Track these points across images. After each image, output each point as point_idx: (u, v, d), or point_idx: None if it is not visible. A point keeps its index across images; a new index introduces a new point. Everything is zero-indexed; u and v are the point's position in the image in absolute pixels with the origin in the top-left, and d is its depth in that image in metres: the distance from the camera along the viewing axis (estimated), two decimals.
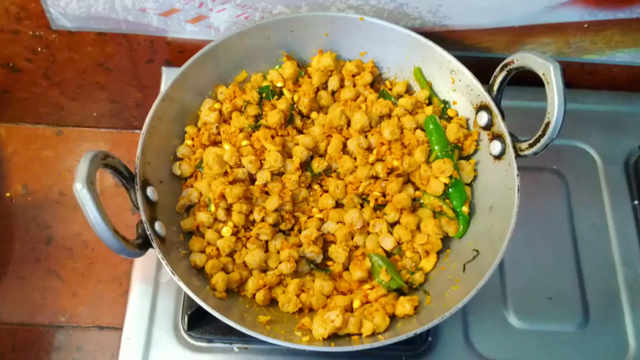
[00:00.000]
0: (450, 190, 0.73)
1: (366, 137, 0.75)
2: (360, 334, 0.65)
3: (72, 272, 1.21)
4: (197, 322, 0.74)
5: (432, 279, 0.72)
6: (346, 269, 0.73)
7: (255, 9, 0.82)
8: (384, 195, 0.73)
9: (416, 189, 0.75)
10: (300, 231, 0.73)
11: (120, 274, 1.21)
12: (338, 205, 0.74)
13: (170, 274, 0.61)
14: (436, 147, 0.74)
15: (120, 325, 0.77)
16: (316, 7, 0.81)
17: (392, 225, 0.73)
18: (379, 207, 0.73)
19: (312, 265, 0.72)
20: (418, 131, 0.76)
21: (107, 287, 1.21)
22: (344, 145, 0.75)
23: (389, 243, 0.72)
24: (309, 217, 0.74)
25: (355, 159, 0.74)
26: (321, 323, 0.64)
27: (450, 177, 0.73)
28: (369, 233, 0.73)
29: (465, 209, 0.73)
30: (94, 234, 0.55)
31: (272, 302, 0.71)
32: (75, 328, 1.18)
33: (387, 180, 0.73)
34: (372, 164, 0.74)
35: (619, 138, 0.93)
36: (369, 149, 0.75)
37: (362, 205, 0.74)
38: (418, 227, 0.73)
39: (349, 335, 0.66)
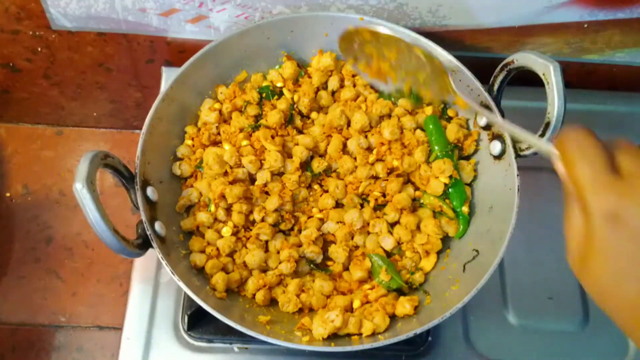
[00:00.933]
0: (450, 190, 0.73)
1: (366, 137, 0.75)
2: (360, 334, 0.65)
3: (72, 272, 1.21)
4: (197, 322, 0.74)
5: (432, 279, 0.72)
6: (346, 269, 0.73)
7: (255, 9, 0.82)
8: (384, 195, 0.73)
9: (416, 189, 0.75)
10: (300, 231, 0.73)
11: (120, 274, 1.21)
12: (338, 205, 0.74)
13: (170, 274, 0.61)
14: (436, 147, 0.74)
15: (120, 325, 0.77)
16: (316, 7, 0.81)
17: (392, 225, 0.73)
18: (379, 207, 0.73)
19: (312, 265, 0.72)
20: (418, 131, 0.76)
21: (107, 287, 1.21)
22: (344, 145, 0.75)
23: (389, 243, 0.72)
24: (309, 217, 0.74)
25: (355, 159, 0.74)
26: (321, 323, 0.64)
27: (450, 177, 0.73)
28: (369, 233, 0.73)
29: (465, 209, 0.73)
30: (94, 234, 0.55)
31: (272, 302, 0.71)
32: (75, 328, 1.18)
33: (387, 180, 0.73)
34: (372, 164, 0.74)
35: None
36: (369, 149, 0.75)
37: (362, 205, 0.74)
38: (418, 227, 0.73)
39: (349, 335, 0.66)
